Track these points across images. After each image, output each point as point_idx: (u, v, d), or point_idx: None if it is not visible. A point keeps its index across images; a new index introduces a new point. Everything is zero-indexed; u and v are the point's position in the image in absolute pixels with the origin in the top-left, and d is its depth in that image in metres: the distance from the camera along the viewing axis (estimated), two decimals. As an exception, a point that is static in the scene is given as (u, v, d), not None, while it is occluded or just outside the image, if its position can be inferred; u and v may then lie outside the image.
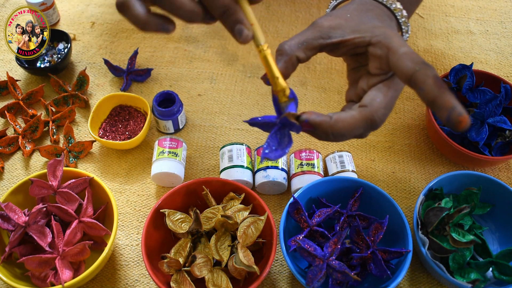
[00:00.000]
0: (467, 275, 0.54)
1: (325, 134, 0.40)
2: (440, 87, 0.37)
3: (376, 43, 0.43)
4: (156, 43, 0.84)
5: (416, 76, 0.38)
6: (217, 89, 0.78)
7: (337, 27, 0.45)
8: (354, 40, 0.44)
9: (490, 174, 0.69)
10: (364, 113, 0.40)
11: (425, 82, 0.38)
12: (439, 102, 0.37)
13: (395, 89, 0.42)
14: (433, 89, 0.37)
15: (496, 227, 0.62)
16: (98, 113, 0.71)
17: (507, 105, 0.69)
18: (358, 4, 0.47)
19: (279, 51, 0.43)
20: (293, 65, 0.44)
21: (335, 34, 0.44)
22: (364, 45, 0.44)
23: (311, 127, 0.40)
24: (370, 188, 0.59)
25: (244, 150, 0.66)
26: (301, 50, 0.43)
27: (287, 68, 0.43)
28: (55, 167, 0.58)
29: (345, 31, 0.44)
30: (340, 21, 0.45)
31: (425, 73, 0.38)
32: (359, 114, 0.40)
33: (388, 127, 0.74)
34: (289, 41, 0.44)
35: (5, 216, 0.55)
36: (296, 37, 0.44)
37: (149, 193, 0.67)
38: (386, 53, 0.41)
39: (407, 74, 0.39)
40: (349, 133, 0.40)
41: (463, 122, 0.36)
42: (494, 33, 0.87)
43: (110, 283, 0.59)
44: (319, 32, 0.44)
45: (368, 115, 0.40)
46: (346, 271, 0.50)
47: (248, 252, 0.54)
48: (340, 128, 0.40)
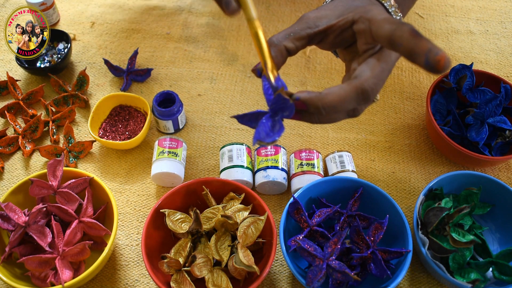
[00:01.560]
0: (467, 275, 0.54)
1: (317, 110, 0.40)
2: (415, 36, 0.37)
3: (358, 19, 0.43)
4: (156, 43, 0.84)
5: (394, 35, 0.39)
6: (217, 89, 0.78)
7: (323, 17, 0.46)
8: (338, 23, 0.45)
9: (490, 174, 0.69)
10: (354, 83, 0.40)
11: (402, 37, 0.38)
12: (416, 50, 0.37)
13: (385, 61, 0.42)
14: (409, 40, 0.37)
15: (496, 227, 0.62)
16: (98, 113, 0.71)
17: (507, 105, 0.69)
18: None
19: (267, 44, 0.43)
20: (282, 54, 0.44)
21: (321, 22, 0.45)
22: (349, 25, 0.44)
23: (303, 105, 0.40)
24: (370, 188, 0.59)
25: (244, 150, 0.66)
26: (289, 40, 0.44)
27: (276, 57, 0.44)
28: (55, 167, 0.58)
29: (331, 18, 0.45)
30: (326, 12, 0.46)
31: (401, 29, 0.38)
32: (348, 85, 0.40)
33: (388, 127, 0.74)
34: (277, 34, 0.45)
35: (5, 216, 0.55)
36: (284, 30, 0.45)
37: (149, 193, 0.67)
38: (368, 25, 0.42)
39: (387, 36, 0.39)
40: (340, 106, 0.40)
41: (441, 60, 0.35)
42: (494, 33, 0.87)
43: (110, 283, 0.59)
44: (306, 24, 0.45)
45: (357, 84, 0.40)
46: (346, 271, 0.51)
47: (248, 252, 0.54)
48: (331, 101, 0.40)
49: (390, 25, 0.39)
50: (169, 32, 0.86)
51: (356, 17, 0.44)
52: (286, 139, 0.72)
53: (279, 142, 0.71)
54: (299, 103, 0.40)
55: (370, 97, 0.41)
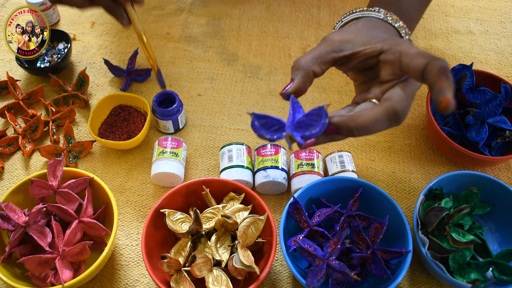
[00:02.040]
0: (467, 275, 0.54)
1: (349, 131, 0.41)
2: (441, 74, 0.39)
3: (387, 50, 0.44)
4: (156, 43, 0.84)
5: (426, 69, 0.40)
6: (217, 89, 0.78)
7: (347, 41, 0.46)
8: (365, 50, 0.45)
9: (490, 174, 0.69)
10: (386, 104, 0.41)
11: (431, 71, 0.39)
12: (434, 86, 0.39)
13: (411, 88, 0.43)
14: (434, 76, 0.39)
15: (496, 227, 0.62)
16: (98, 113, 0.71)
17: (507, 105, 0.69)
18: (365, 22, 0.50)
19: (295, 67, 0.45)
20: (310, 79, 0.45)
21: (346, 47, 0.46)
22: (375, 55, 0.45)
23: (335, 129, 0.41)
24: (370, 188, 0.59)
25: (244, 150, 0.66)
26: (316, 64, 0.45)
27: (304, 83, 0.44)
28: (55, 167, 0.58)
29: (355, 44, 0.46)
30: (350, 36, 0.47)
31: (433, 64, 0.39)
32: (381, 107, 0.41)
33: (388, 127, 0.74)
34: (304, 57, 0.45)
35: (5, 216, 0.55)
36: (310, 52, 0.46)
37: (149, 193, 0.67)
38: (398, 57, 0.43)
39: (420, 69, 0.40)
40: (373, 127, 0.41)
41: (443, 102, 0.37)
42: (494, 33, 0.87)
43: (110, 283, 0.59)
44: (330, 47, 0.46)
45: (389, 106, 0.41)
46: (346, 271, 0.51)
47: (248, 252, 0.54)
48: (364, 122, 0.40)
49: (424, 59, 0.40)
50: (169, 32, 0.86)
51: (386, 48, 0.44)
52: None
53: (279, 142, 0.71)
54: (332, 127, 0.41)
55: (401, 118, 0.41)
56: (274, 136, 0.41)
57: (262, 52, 0.83)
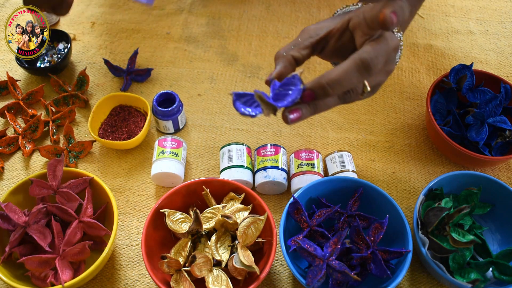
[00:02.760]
0: (467, 275, 0.54)
1: (323, 90, 0.42)
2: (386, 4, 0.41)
3: (353, 16, 0.46)
4: (156, 43, 0.84)
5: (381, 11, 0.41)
6: (217, 89, 0.78)
7: (323, 27, 0.49)
8: (336, 26, 0.47)
9: (490, 174, 0.69)
10: (353, 56, 0.42)
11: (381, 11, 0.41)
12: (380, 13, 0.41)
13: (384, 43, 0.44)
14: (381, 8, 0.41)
15: (496, 227, 0.62)
16: (98, 113, 0.71)
17: (507, 105, 0.69)
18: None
19: (276, 57, 0.47)
20: (291, 64, 0.47)
21: (321, 31, 0.48)
22: (346, 26, 0.47)
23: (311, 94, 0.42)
24: (370, 188, 0.59)
25: (244, 150, 0.66)
26: (295, 50, 0.47)
27: (286, 67, 0.46)
28: (55, 167, 0.58)
29: (330, 26, 0.48)
30: (325, 23, 0.50)
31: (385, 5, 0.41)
32: (350, 60, 0.42)
33: (388, 127, 0.74)
34: (283, 47, 0.48)
35: (5, 216, 0.55)
36: (289, 43, 0.49)
37: (149, 193, 0.67)
38: (362, 16, 0.44)
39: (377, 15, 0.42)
40: (344, 80, 0.42)
41: (380, 17, 0.40)
42: (494, 33, 0.87)
43: (110, 283, 0.59)
44: (307, 34, 0.49)
45: (356, 57, 0.42)
46: (346, 271, 0.51)
47: (248, 252, 0.54)
48: (334, 76, 0.41)
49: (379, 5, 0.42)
50: (169, 32, 0.86)
51: (351, 15, 0.46)
52: (286, 139, 0.72)
53: (279, 142, 0.71)
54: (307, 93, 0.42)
55: (371, 68, 0.42)
56: (255, 112, 0.42)
57: (262, 52, 0.83)
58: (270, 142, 0.72)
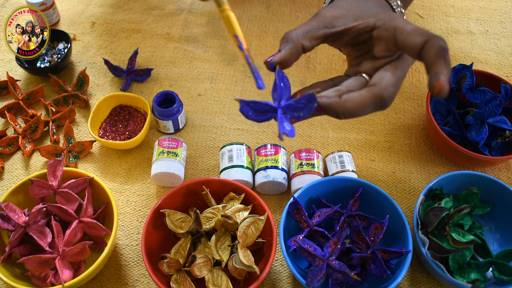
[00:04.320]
0: (467, 275, 0.54)
1: (336, 114, 0.41)
2: (439, 55, 0.38)
3: (380, 26, 0.43)
4: (156, 43, 0.84)
5: (424, 49, 0.39)
6: (217, 89, 0.78)
7: (339, 16, 0.46)
8: (358, 26, 0.45)
9: (490, 174, 0.69)
10: (373, 91, 0.41)
11: (429, 52, 0.39)
12: (430, 68, 0.39)
13: (402, 69, 0.43)
14: (432, 56, 0.39)
15: (496, 227, 0.62)
16: (98, 113, 0.71)
17: (507, 105, 0.69)
18: None
19: (285, 39, 0.44)
20: (298, 52, 0.44)
21: (338, 23, 0.45)
22: (368, 30, 0.45)
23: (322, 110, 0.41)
24: (370, 188, 0.59)
25: (244, 150, 0.66)
26: (306, 38, 0.44)
27: (291, 55, 0.44)
28: (55, 167, 0.58)
29: (348, 19, 0.45)
30: (342, 11, 0.46)
31: (431, 44, 0.39)
32: (368, 93, 0.41)
33: (388, 127, 0.74)
34: (294, 30, 0.45)
35: (5, 216, 0.55)
36: (301, 26, 0.45)
37: (149, 193, 0.67)
38: (393, 33, 0.42)
39: (417, 48, 0.40)
40: (359, 112, 0.41)
41: (437, 87, 0.37)
42: (494, 33, 0.87)
43: (110, 283, 0.59)
44: (322, 22, 0.45)
45: (377, 92, 0.41)
46: (346, 271, 0.51)
47: (248, 252, 0.54)
48: (350, 107, 0.41)
49: (421, 37, 0.40)
50: (169, 32, 0.86)
51: (379, 23, 0.44)
52: (286, 139, 0.72)
53: (279, 142, 0.71)
54: (319, 108, 0.41)
55: (387, 104, 0.41)
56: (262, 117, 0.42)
57: (262, 52, 0.83)
58: (270, 142, 0.72)
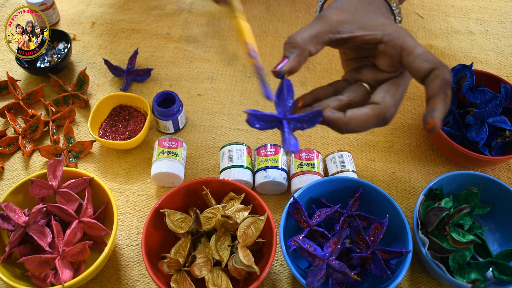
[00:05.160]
0: (467, 275, 0.54)
1: (339, 130, 0.42)
2: (441, 89, 0.39)
3: (388, 42, 0.43)
4: (156, 43, 0.84)
5: (429, 77, 0.40)
6: (217, 89, 0.78)
7: (345, 21, 0.45)
8: (364, 37, 0.44)
9: (490, 174, 0.69)
10: (377, 111, 0.42)
11: (433, 82, 0.40)
12: (430, 101, 0.40)
13: (404, 86, 0.44)
14: (434, 88, 0.40)
15: (496, 227, 0.62)
16: (98, 113, 0.71)
17: (507, 105, 0.69)
18: None
19: (291, 44, 0.43)
20: (305, 58, 0.44)
21: (343, 29, 0.45)
22: (374, 43, 0.44)
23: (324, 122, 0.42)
24: (370, 188, 0.59)
25: (244, 150, 0.66)
26: (313, 44, 0.44)
27: (299, 62, 0.43)
28: (55, 167, 0.58)
29: (353, 26, 0.45)
30: (347, 15, 0.46)
31: (436, 74, 0.40)
32: (372, 112, 0.42)
33: (388, 127, 0.74)
34: (300, 34, 0.44)
35: (5, 216, 0.55)
36: (306, 30, 0.44)
37: (149, 193, 0.67)
38: (399, 52, 0.43)
39: (422, 74, 0.41)
40: (361, 129, 0.42)
41: (430, 124, 0.39)
42: (494, 33, 0.87)
43: (110, 283, 0.59)
44: (328, 26, 0.45)
45: (380, 113, 0.42)
46: (346, 271, 0.51)
47: (248, 252, 0.54)
48: (354, 125, 0.41)
49: (428, 63, 0.40)
50: (169, 32, 0.86)
51: (386, 39, 0.43)
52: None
53: (279, 142, 0.71)
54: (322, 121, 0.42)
55: (388, 122, 0.43)
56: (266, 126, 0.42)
57: (262, 52, 0.83)
58: (270, 142, 0.72)
